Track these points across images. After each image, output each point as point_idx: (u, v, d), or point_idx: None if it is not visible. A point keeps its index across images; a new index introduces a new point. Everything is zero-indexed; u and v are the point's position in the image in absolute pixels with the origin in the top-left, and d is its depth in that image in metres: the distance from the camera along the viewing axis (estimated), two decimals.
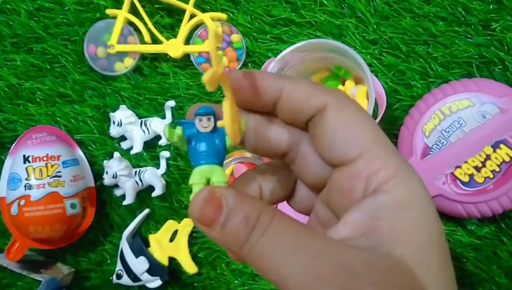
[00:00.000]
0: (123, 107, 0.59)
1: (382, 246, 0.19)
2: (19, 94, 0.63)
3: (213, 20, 0.60)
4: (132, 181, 0.59)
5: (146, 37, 0.61)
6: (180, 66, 0.62)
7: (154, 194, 0.60)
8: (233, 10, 0.61)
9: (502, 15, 0.56)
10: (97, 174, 0.61)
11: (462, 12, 0.57)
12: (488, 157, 0.51)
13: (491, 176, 0.51)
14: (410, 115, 0.55)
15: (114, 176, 0.57)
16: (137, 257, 0.57)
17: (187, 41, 0.61)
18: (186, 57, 0.61)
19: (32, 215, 0.54)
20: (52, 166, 0.56)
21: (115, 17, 0.61)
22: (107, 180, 0.58)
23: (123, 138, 0.61)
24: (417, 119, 0.54)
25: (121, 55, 0.62)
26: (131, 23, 0.61)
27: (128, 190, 0.59)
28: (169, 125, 0.22)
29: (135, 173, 0.59)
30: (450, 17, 0.57)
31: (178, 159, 0.61)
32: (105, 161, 0.58)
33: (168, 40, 0.61)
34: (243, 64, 0.60)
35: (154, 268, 0.57)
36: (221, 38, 0.59)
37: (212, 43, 0.20)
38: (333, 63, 0.54)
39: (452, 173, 0.52)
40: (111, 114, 0.59)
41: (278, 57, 0.51)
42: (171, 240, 0.60)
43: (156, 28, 0.61)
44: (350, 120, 0.22)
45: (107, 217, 0.62)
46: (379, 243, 0.19)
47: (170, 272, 0.59)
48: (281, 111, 0.23)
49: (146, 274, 0.57)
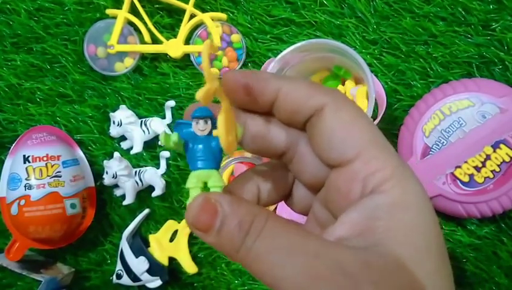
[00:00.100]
0: (123, 107, 0.59)
1: (379, 246, 0.19)
2: (19, 94, 0.63)
3: (213, 20, 0.60)
4: (132, 181, 0.59)
5: (146, 37, 0.61)
6: (180, 66, 0.62)
7: (154, 194, 0.60)
8: (233, 10, 0.61)
9: (502, 15, 0.56)
10: (97, 174, 0.61)
11: (462, 12, 0.57)
12: (488, 157, 0.51)
13: (491, 176, 0.51)
14: (410, 115, 0.55)
15: (114, 176, 0.57)
16: (137, 257, 0.57)
17: (187, 41, 0.61)
18: (186, 57, 0.61)
19: (32, 215, 0.54)
20: (52, 166, 0.56)
21: (115, 17, 0.61)
22: (107, 180, 0.58)
23: (123, 138, 0.61)
24: (417, 119, 0.54)
25: (121, 55, 0.62)
26: (131, 23, 0.61)
27: (128, 190, 0.59)
28: (165, 132, 0.22)
29: (135, 173, 0.59)
30: (450, 17, 0.57)
31: (178, 159, 0.61)
32: (105, 161, 0.58)
33: (168, 40, 0.61)
34: (243, 64, 0.60)
35: (154, 268, 0.57)
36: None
37: (204, 61, 0.20)
38: (333, 63, 0.54)
39: (452, 173, 0.52)
40: (111, 114, 0.59)
41: (278, 57, 0.51)
42: (171, 240, 0.60)
43: (156, 28, 0.61)
44: (347, 121, 0.22)
45: (107, 217, 0.62)
46: (376, 243, 0.19)
47: (170, 272, 0.59)
48: (278, 112, 0.23)
49: (146, 274, 0.57)
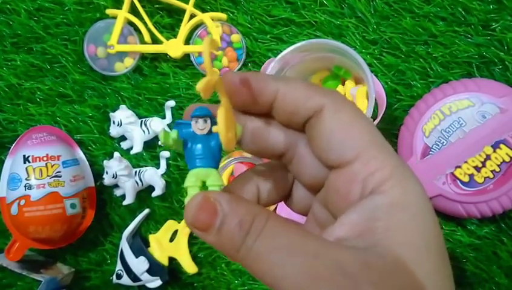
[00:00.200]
0: (123, 107, 0.59)
1: (379, 246, 0.19)
2: (19, 94, 0.63)
3: (213, 20, 0.60)
4: (132, 181, 0.59)
5: (146, 37, 0.61)
6: (180, 66, 0.62)
7: (154, 194, 0.60)
8: (233, 10, 0.61)
9: (502, 15, 0.56)
10: (97, 174, 0.61)
11: (462, 12, 0.57)
12: (488, 157, 0.51)
13: (491, 176, 0.51)
14: (410, 115, 0.55)
15: (114, 176, 0.58)
16: (137, 257, 0.57)
17: (187, 41, 0.61)
18: (186, 57, 0.61)
19: (32, 215, 0.54)
20: (52, 166, 0.56)
21: (115, 17, 0.61)
22: (107, 180, 0.58)
23: (123, 138, 0.61)
24: (417, 119, 0.54)
25: (121, 55, 0.62)
26: (131, 23, 0.61)
27: (128, 190, 0.59)
28: (164, 130, 0.22)
29: (135, 173, 0.59)
30: (450, 17, 0.57)
31: (178, 159, 0.61)
32: (105, 161, 0.58)
33: (168, 40, 0.61)
34: (243, 64, 0.60)
35: (154, 268, 0.57)
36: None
37: (206, 52, 0.20)
38: (333, 63, 0.54)
39: (452, 173, 0.52)
40: (111, 114, 0.59)
41: (278, 57, 0.51)
42: (171, 240, 0.60)
43: (156, 28, 0.61)
44: (346, 122, 0.22)
45: (107, 217, 0.62)
46: (376, 243, 0.19)
47: (170, 272, 0.59)
48: (277, 113, 0.23)
49: (146, 274, 0.57)
